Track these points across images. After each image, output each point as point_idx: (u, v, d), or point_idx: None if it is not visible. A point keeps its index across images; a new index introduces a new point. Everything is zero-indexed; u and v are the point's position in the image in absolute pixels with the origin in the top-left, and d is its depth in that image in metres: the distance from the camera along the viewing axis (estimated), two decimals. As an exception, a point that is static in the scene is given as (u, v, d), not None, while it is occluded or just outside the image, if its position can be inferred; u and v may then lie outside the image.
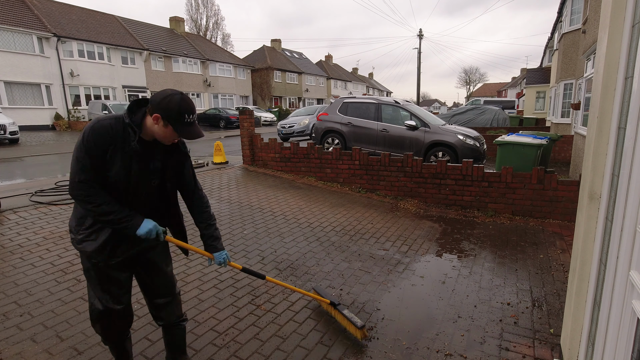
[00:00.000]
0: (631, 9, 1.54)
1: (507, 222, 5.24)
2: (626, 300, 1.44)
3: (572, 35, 12.23)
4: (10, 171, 8.64)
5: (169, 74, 27.91)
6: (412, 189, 6.15)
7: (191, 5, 50.16)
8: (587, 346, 1.85)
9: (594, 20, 7.78)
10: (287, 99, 40.48)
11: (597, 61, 1.95)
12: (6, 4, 20.02)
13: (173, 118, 1.64)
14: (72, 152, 1.64)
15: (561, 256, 4.01)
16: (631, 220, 1.42)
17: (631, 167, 1.45)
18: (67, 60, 21.22)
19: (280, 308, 2.93)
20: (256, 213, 5.18)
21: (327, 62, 51.26)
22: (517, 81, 48.79)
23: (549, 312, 2.90)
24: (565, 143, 10.71)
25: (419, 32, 33.26)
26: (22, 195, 5.49)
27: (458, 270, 3.69)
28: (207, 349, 2.41)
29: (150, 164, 1.77)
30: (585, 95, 8.62)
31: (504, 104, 27.09)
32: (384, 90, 67.09)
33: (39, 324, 2.60)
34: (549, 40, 22.99)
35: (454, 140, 7.42)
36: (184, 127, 1.67)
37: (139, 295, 3.00)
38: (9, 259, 3.53)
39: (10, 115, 16.70)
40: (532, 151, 6.27)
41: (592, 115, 1.91)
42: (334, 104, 9.15)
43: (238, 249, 4.01)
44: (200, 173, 7.46)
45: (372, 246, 4.27)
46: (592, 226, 1.83)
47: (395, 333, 2.64)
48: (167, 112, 1.63)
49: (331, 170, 6.97)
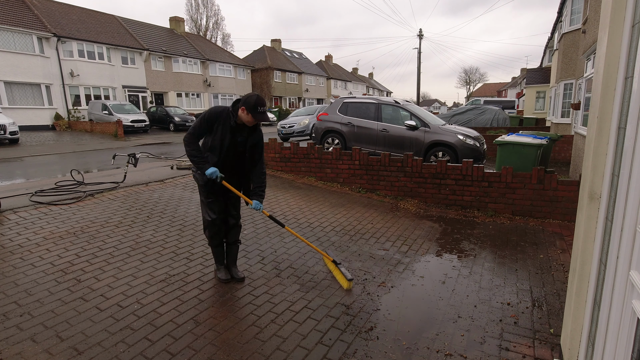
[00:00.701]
0: (631, 9, 1.54)
1: (507, 222, 5.24)
2: (626, 300, 1.44)
3: (572, 35, 12.23)
4: (10, 171, 8.65)
5: (169, 74, 27.91)
6: (412, 189, 6.15)
7: (191, 5, 50.22)
8: (587, 346, 1.85)
9: (594, 20, 7.78)
10: (287, 99, 40.48)
11: (597, 61, 1.95)
12: (6, 4, 20.02)
13: (252, 109, 2.79)
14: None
15: (561, 256, 4.01)
16: (631, 220, 1.42)
17: (631, 167, 1.45)
18: (67, 60, 21.22)
19: (280, 308, 2.93)
20: (256, 213, 5.18)
21: (327, 62, 51.27)
22: (517, 81, 48.80)
23: (549, 312, 2.90)
24: (565, 143, 10.71)
25: (419, 32, 33.28)
26: (22, 195, 5.49)
27: (458, 270, 3.69)
28: (207, 349, 2.41)
29: (238, 137, 2.94)
30: (585, 95, 8.62)
31: (504, 104, 27.08)
32: (384, 90, 67.10)
33: (39, 324, 2.60)
34: (549, 40, 22.99)
35: (454, 140, 7.42)
36: (258, 114, 2.81)
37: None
38: (9, 259, 3.53)
39: (10, 115, 16.70)
40: (532, 151, 6.27)
41: (592, 115, 1.91)
42: (334, 104, 9.15)
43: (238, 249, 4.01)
44: (200, 173, 7.46)
45: (372, 246, 4.27)
46: (592, 226, 1.83)
47: (395, 333, 2.64)
48: (248, 105, 2.79)
49: (331, 170, 6.97)
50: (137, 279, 3.28)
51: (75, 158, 11.15)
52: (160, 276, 3.34)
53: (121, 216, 4.80)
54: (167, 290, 3.12)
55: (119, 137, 17.30)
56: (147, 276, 3.33)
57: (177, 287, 3.18)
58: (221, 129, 2.87)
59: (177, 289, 3.14)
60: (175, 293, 3.08)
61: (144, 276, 3.33)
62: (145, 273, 3.39)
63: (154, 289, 3.11)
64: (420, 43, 33.40)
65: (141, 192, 5.94)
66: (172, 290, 3.11)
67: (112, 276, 3.30)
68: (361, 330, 2.67)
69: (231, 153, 2.96)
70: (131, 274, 3.36)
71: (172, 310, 2.82)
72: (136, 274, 3.37)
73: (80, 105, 22.02)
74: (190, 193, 6.03)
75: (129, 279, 3.27)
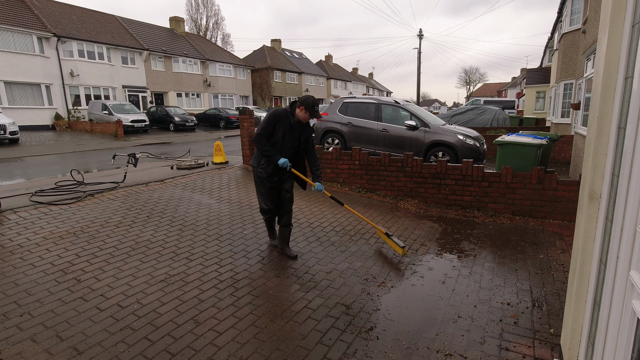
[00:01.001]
0: (631, 9, 1.54)
1: (507, 222, 5.24)
2: (626, 300, 1.44)
3: (572, 35, 12.22)
4: (10, 171, 8.65)
5: (169, 74, 27.91)
6: (412, 189, 6.15)
7: (191, 5, 50.14)
8: (587, 346, 1.85)
9: (594, 20, 7.78)
10: (287, 99, 40.47)
11: (597, 61, 1.94)
12: (6, 4, 20.02)
13: (310, 108, 3.51)
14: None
15: (561, 256, 4.01)
16: (631, 220, 1.42)
17: (631, 167, 1.45)
18: (67, 60, 21.22)
19: (280, 308, 2.93)
20: (256, 213, 5.18)
21: (327, 62, 51.26)
22: (517, 81, 48.80)
23: (549, 312, 2.90)
24: (565, 143, 10.71)
25: (418, 32, 33.29)
26: (22, 195, 5.49)
27: (458, 270, 3.69)
28: (207, 349, 2.41)
29: (295, 133, 3.62)
30: (585, 95, 8.62)
31: (504, 104, 27.08)
32: (384, 90, 67.09)
33: (39, 324, 2.60)
34: (549, 40, 22.99)
35: (454, 140, 7.42)
36: (314, 112, 3.52)
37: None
38: (9, 259, 3.53)
39: (10, 115, 16.71)
40: (532, 151, 6.27)
41: (592, 115, 1.91)
42: (334, 104, 9.15)
43: (238, 249, 4.01)
44: (200, 173, 7.46)
45: (372, 246, 4.27)
46: (592, 226, 1.83)
47: (395, 333, 2.64)
48: (307, 104, 3.50)
49: (331, 170, 6.97)
50: (137, 279, 3.28)
51: (75, 158, 11.15)
52: (160, 276, 3.34)
53: (121, 216, 4.80)
54: (167, 290, 3.12)
55: (119, 137, 17.30)
56: (147, 276, 3.33)
57: (177, 287, 3.18)
58: (282, 127, 3.54)
59: (177, 289, 3.14)
60: (175, 293, 3.08)
61: (144, 276, 3.33)
62: (145, 273, 3.39)
63: (154, 289, 3.11)
64: (420, 43, 33.42)
65: (141, 192, 5.94)
66: (172, 290, 3.11)
67: (112, 276, 3.30)
68: (361, 330, 2.67)
69: (289, 145, 3.63)
70: (131, 274, 3.36)
71: (172, 310, 2.82)
72: (136, 274, 3.37)
73: (80, 105, 22.03)
74: (190, 193, 6.04)
75: (129, 279, 3.27)
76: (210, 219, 4.87)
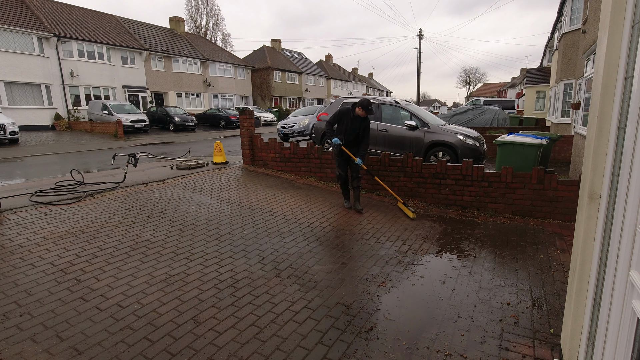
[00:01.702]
0: (631, 9, 1.54)
1: (507, 222, 5.24)
2: (626, 300, 1.44)
3: (572, 35, 12.22)
4: (10, 171, 8.65)
5: (169, 74, 27.92)
6: (412, 189, 6.15)
7: (191, 5, 50.17)
8: (587, 346, 1.85)
9: (594, 20, 7.78)
10: (287, 99, 40.48)
11: (597, 61, 1.94)
12: (6, 4, 20.02)
13: (365, 107, 5.15)
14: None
15: (561, 256, 4.01)
16: (631, 220, 1.42)
17: (631, 167, 1.45)
18: (67, 60, 21.23)
19: (280, 308, 2.93)
20: (256, 213, 5.19)
21: (327, 62, 51.26)
22: (517, 81, 48.79)
23: (549, 312, 2.90)
24: (565, 143, 10.71)
25: (418, 32, 33.29)
26: (22, 195, 5.49)
27: (458, 270, 3.69)
28: (207, 348, 2.41)
29: (355, 124, 5.30)
30: (585, 95, 8.62)
31: (504, 104, 27.09)
32: (384, 90, 67.10)
33: (39, 324, 2.60)
34: (549, 40, 22.99)
35: (454, 140, 7.42)
36: (368, 110, 5.18)
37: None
38: (9, 259, 3.53)
39: (10, 115, 16.71)
40: (532, 151, 6.27)
41: (592, 115, 1.91)
42: (334, 104, 9.15)
43: (238, 249, 4.01)
44: (200, 173, 7.46)
45: (372, 246, 4.27)
46: (592, 226, 1.83)
47: (395, 333, 2.64)
48: (363, 105, 5.16)
49: (331, 170, 6.97)
50: (137, 279, 3.28)
51: (75, 158, 11.16)
52: (160, 276, 3.34)
53: (121, 216, 4.80)
54: (167, 290, 3.12)
55: (119, 137, 17.31)
56: (147, 276, 3.33)
57: (177, 287, 3.18)
58: (346, 119, 5.30)
59: (177, 289, 3.14)
60: (175, 293, 3.08)
61: (144, 276, 3.33)
62: (145, 273, 3.39)
63: (154, 289, 3.11)
64: (420, 43, 33.42)
65: (141, 192, 5.94)
66: (172, 291, 3.11)
67: (112, 276, 3.30)
68: (361, 330, 2.67)
69: (350, 133, 5.32)
70: (131, 274, 3.36)
71: (172, 310, 2.82)
72: (136, 274, 3.37)
73: (80, 105, 22.03)
74: (190, 193, 6.04)
75: (129, 279, 3.27)
76: (210, 219, 4.88)
